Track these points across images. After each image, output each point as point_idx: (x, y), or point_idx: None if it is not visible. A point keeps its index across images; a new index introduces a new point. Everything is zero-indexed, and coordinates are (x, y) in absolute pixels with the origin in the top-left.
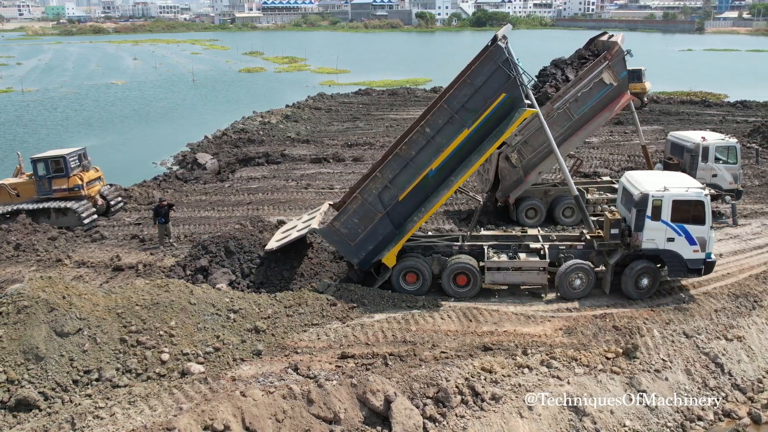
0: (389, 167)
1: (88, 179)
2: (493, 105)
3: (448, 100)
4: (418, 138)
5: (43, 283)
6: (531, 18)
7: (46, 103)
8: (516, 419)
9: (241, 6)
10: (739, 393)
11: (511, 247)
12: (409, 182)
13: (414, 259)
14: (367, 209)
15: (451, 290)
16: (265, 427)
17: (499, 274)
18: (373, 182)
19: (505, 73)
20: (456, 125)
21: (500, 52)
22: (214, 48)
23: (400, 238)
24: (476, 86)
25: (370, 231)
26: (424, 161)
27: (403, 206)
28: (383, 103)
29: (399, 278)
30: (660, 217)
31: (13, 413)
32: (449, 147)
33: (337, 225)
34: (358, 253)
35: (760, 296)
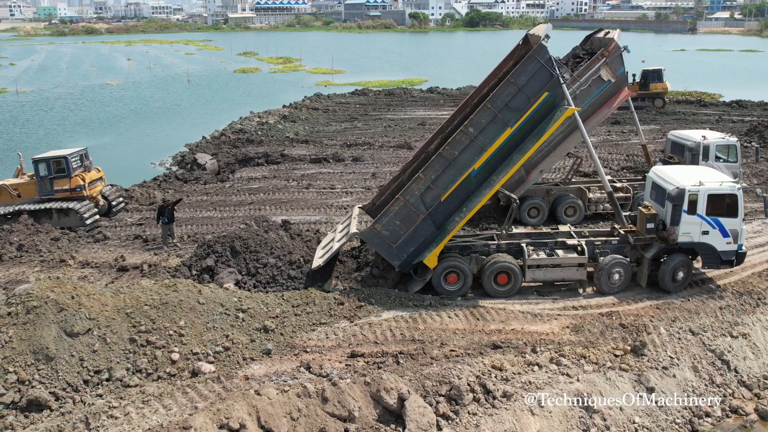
0: (432, 168)
1: (89, 179)
2: (536, 104)
3: (492, 99)
4: (461, 138)
5: (52, 283)
6: (524, 18)
7: (42, 104)
8: (527, 416)
9: (234, 6)
10: (745, 389)
11: (548, 244)
12: (451, 182)
13: (455, 259)
14: (409, 211)
15: (492, 289)
16: (281, 425)
17: (539, 272)
18: (415, 183)
19: (548, 72)
20: (499, 124)
21: (544, 51)
22: (208, 48)
23: (441, 239)
24: (519, 85)
25: (412, 232)
26: (467, 161)
27: (445, 206)
28: (380, 104)
29: (440, 279)
30: (696, 211)
31: (24, 413)
32: (492, 146)
33: (379, 227)
34: (400, 255)
35: (763, 294)
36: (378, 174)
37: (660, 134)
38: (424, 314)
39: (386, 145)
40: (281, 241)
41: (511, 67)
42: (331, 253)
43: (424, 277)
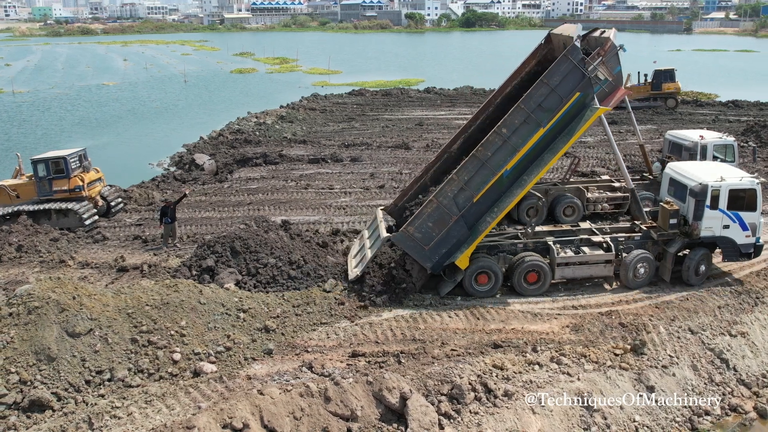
0: (465, 169)
1: (88, 180)
2: (568, 104)
3: (525, 100)
4: (495, 139)
5: (53, 283)
6: (520, 18)
7: (39, 105)
8: (529, 415)
9: (230, 7)
10: (744, 388)
11: (574, 242)
12: (484, 183)
13: (484, 259)
14: (442, 212)
15: (522, 288)
16: (284, 425)
17: (568, 269)
18: (448, 185)
19: (580, 72)
20: (532, 125)
21: (576, 51)
22: (204, 49)
23: (473, 240)
24: (552, 86)
25: (444, 234)
26: (500, 162)
27: (477, 207)
28: (377, 104)
29: (471, 280)
30: (717, 206)
31: (26, 414)
32: (525, 147)
33: (411, 230)
34: (432, 257)
35: (761, 293)
36: (376, 174)
37: (657, 134)
38: (425, 314)
39: (384, 145)
40: (281, 242)
41: (534, 66)
42: (367, 260)
43: (454, 278)
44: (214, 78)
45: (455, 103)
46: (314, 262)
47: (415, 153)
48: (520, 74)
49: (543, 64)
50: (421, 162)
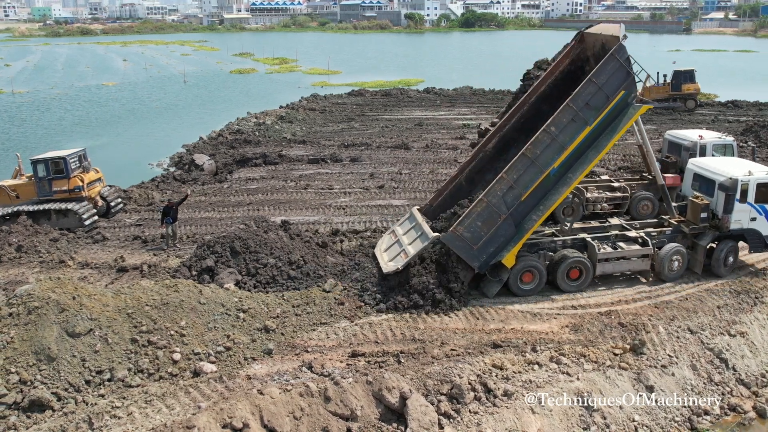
0: (514, 168)
1: (88, 180)
2: (613, 102)
3: (573, 98)
4: (544, 137)
5: (53, 284)
6: (519, 19)
7: (39, 105)
8: (528, 415)
9: (229, 7)
10: (743, 387)
11: (610, 237)
12: (532, 182)
13: (528, 257)
14: (491, 211)
15: (565, 285)
16: (283, 424)
17: (608, 264)
18: (498, 184)
19: (625, 70)
20: (579, 123)
21: (623, 50)
22: (204, 49)
23: (519, 238)
24: (600, 84)
25: (493, 233)
26: (548, 160)
27: (524, 206)
28: (377, 104)
29: (517, 279)
30: (746, 199)
31: (26, 414)
32: (572, 144)
33: (461, 230)
34: (480, 257)
35: (760, 293)
36: (376, 174)
37: (657, 134)
38: (424, 314)
39: (384, 145)
40: (281, 242)
41: (567, 65)
42: (409, 258)
43: (500, 278)
44: (213, 78)
45: (455, 103)
46: (314, 262)
47: (414, 153)
48: (554, 73)
49: (575, 63)
50: (420, 162)
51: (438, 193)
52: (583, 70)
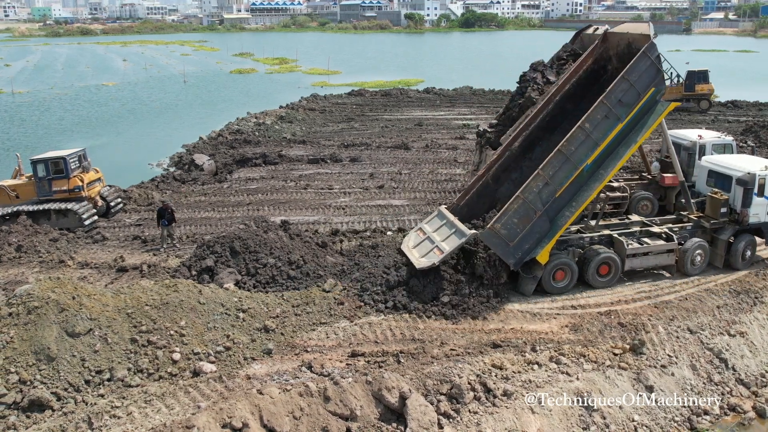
0: (550, 164)
1: (88, 180)
2: (644, 99)
3: (607, 95)
4: (578, 134)
5: (53, 283)
6: (519, 19)
7: (39, 105)
8: (528, 414)
9: (229, 7)
10: (743, 387)
11: (635, 233)
12: (567, 178)
13: (561, 255)
14: (527, 208)
15: (595, 281)
16: (283, 424)
17: (636, 260)
18: (534, 180)
19: (656, 68)
20: (612, 119)
21: (654, 48)
22: (204, 49)
23: (553, 235)
24: (632, 81)
25: (528, 230)
26: (582, 156)
27: (559, 202)
28: (377, 104)
29: (550, 276)
30: (764, 193)
31: (26, 413)
32: (605, 141)
33: (498, 226)
34: (515, 254)
35: (760, 292)
36: (376, 174)
37: (656, 134)
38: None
39: (383, 145)
40: (281, 242)
41: (591, 65)
42: (445, 254)
43: (534, 275)
44: (213, 78)
45: (455, 103)
46: (313, 262)
47: (414, 153)
48: (578, 72)
49: (598, 62)
50: (420, 162)
51: (465, 191)
52: (605, 69)
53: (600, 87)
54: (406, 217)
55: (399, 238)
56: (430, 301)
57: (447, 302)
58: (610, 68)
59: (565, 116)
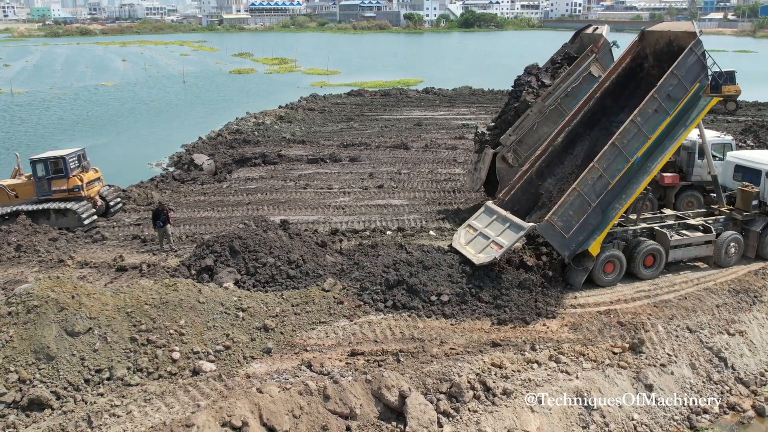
0: (604, 157)
1: (87, 180)
2: (690, 93)
3: (658, 90)
4: (630, 127)
5: (52, 282)
6: (518, 19)
7: (38, 105)
8: (527, 413)
9: (228, 7)
10: (742, 386)
11: (673, 226)
12: (619, 170)
13: (609, 247)
14: (582, 200)
15: (641, 272)
16: (283, 423)
17: (679, 251)
18: (589, 173)
19: (701, 64)
20: (661, 113)
21: (700, 45)
22: (203, 49)
23: (604, 226)
24: (680, 76)
25: (583, 221)
26: (633, 149)
27: (610, 194)
28: (376, 104)
29: (600, 269)
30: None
31: (26, 413)
32: (654, 134)
33: (555, 219)
34: (570, 245)
35: (759, 291)
36: (375, 174)
37: None
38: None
39: (383, 145)
40: (280, 241)
41: (629, 62)
42: (505, 248)
43: (585, 267)
44: (212, 78)
45: (454, 103)
46: (313, 261)
47: (413, 153)
48: (617, 70)
49: (636, 60)
50: (420, 162)
51: (510, 186)
52: (642, 67)
53: (637, 84)
54: (406, 217)
55: (398, 238)
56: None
57: (447, 301)
58: (647, 66)
59: (605, 113)
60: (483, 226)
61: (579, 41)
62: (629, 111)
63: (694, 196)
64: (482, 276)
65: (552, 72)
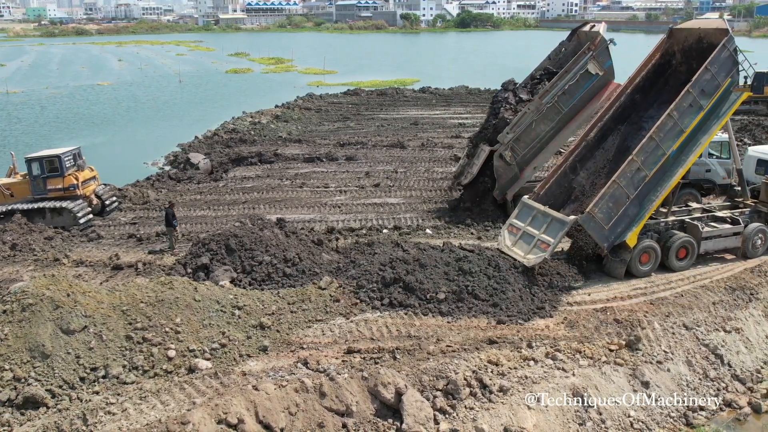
0: (643, 150)
1: (83, 179)
2: (722, 88)
3: (693, 85)
4: (667, 121)
5: (47, 281)
6: (515, 19)
7: (33, 104)
8: (524, 410)
9: (225, 7)
10: (738, 383)
11: (702, 219)
12: (655, 163)
13: (644, 239)
14: (621, 193)
15: (674, 264)
16: (279, 420)
17: (710, 243)
18: (628, 166)
19: (733, 59)
20: (695, 108)
21: (732, 41)
22: (200, 49)
23: (641, 218)
24: (713, 72)
25: (621, 213)
26: (669, 142)
27: (647, 187)
28: (372, 103)
29: (636, 260)
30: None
31: (20, 411)
32: (689, 128)
33: (595, 211)
34: (609, 237)
35: (755, 289)
36: (371, 173)
37: None
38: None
39: (379, 144)
40: (276, 239)
41: (658, 59)
42: (553, 246)
43: (623, 258)
44: (209, 78)
45: (450, 102)
46: (309, 259)
47: (410, 152)
48: (647, 66)
49: (664, 57)
50: (416, 161)
51: (545, 181)
52: (669, 64)
53: (665, 80)
54: (402, 215)
55: (395, 236)
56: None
57: (443, 299)
58: (674, 62)
59: (635, 108)
60: (525, 224)
61: (576, 39)
62: (658, 106)
63: (691, 194)
64: (478, 273)
65: (531, 88)
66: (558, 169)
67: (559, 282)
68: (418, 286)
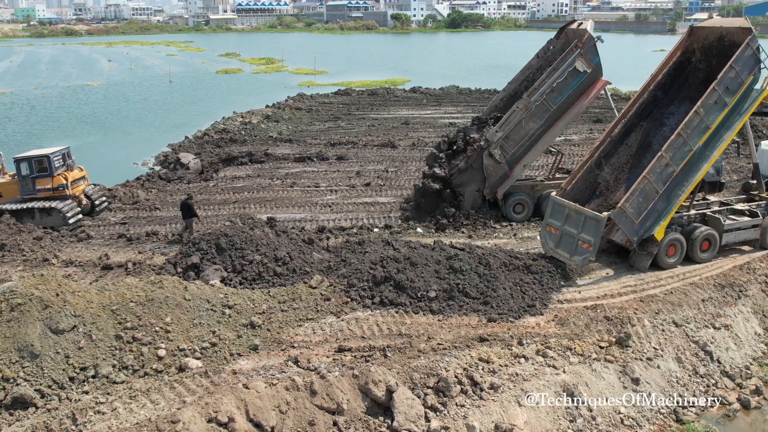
0: (671, 147)
1: (72, 179)
2: (745, 86)
3: (719, 82)
4: (694, 118)
5: (36, 280)
6: (505, 19)
7: (22, 104)
8: (515, 407)
9: (215, 8)
10: (728, 380)
11: (722, 212)
12: (682, 159)
13: (670, 232)
14: (650, 188)
15: (697, 256)
16: (269, 418)
17: (731, 235)
18: (657, 162)
19: (756, 58)
20: (720, 105)
21: (755, 39)
22: (190, 49)
23: (669, 212)
24: (737, 70)
25: (651, 208)
26: (696, 138)
27: (674, 182)
28: (363, 103)
29: (664, 252)
30: None
31: (9, 411)
32: (714, 124)
33: (627, 206)
34: (639, 231)
35: (744, 286)
36: (362, 172)
37: None
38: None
39: (370, 143)
40: (267, 238)
41: (679, 57)
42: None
43: (650, 251)
44: (199, 78)
45: (441, 102)
46: (300, 258)
47: (401, 151)
48: (668, 64)
49: (684, 54)
50: (407, 160)
51: (571, 177)
52: (689, 62)
53: (685, 78)
54: (393, 215)
55: (386, 235)
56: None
57: (434, 297)
58: (694, 60)
59: (656, 104)
60: (561, 223)
61: (564, 37)
62: (678, 103)
63: None
64: (469, 271)
65: (494, 119)
66: (582, 166)
67: (549, 280)
68: (409, 284)
